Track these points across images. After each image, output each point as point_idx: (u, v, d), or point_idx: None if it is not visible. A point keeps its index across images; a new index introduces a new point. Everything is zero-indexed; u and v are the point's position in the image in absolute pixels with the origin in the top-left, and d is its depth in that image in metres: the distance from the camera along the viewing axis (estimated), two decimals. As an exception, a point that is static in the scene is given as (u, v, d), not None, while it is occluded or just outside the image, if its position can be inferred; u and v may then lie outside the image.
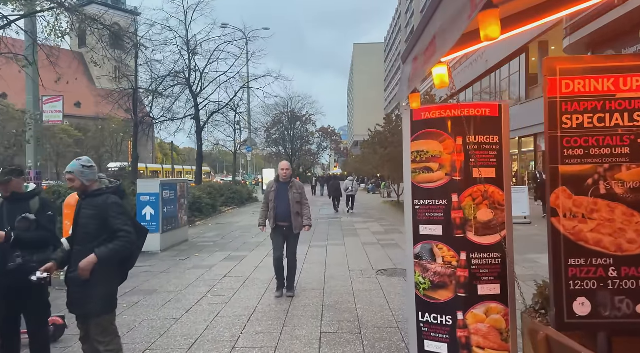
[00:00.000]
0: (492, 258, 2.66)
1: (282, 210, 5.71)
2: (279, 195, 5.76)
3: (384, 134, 18.01)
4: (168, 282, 6.74)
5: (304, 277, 6.83)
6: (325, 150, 76.38)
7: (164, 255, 9.05)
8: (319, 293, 5.90)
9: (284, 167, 5.92)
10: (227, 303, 5.56)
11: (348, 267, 7.60)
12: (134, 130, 17.07)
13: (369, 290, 6.03)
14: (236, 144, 30.00)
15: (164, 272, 7.52)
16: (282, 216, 5.71)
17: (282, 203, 5.72)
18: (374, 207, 21.67)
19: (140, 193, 9.53)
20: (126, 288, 6.35)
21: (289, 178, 5.85)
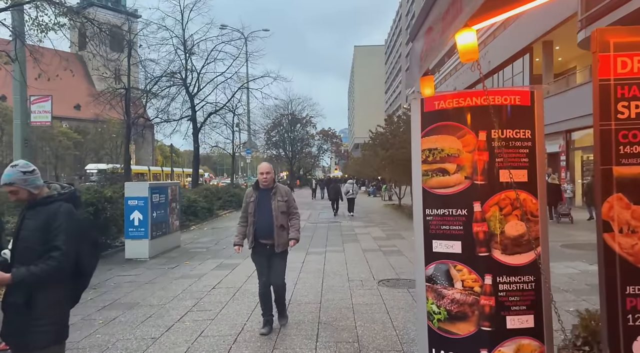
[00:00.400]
0: (523, 282, 2.14)
1: (264, 225, 4.53)
2: (260, 206, 4.59)
3: (385, 135, 17.50)
4: (152, 294, 6.21)
5: (300, 288, 6.30)
6: (325, 153, 75.99)
7: (152, 263, 8.52)
8: (315, 308, 5.37)
9: (263, 170, 4.65)
10: (213, 319, 5.03)
11: (347, 276, 7.07)
12: (126, 131, 16.57)
13: (369, 304, 5.49)
14: (234, 146, 29.48)
15: (150, 282, 6.99)
16: (264, 232, 4.53)
17: (264, 215, 4.55)
18: (375, 211, 21.14)
19: (128, 197, 9.01)
20: (105, 301, 5.85)
21: (271, 184, 4.67)
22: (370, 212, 20.41)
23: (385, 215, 18.72)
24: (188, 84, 20.39)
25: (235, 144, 30.21)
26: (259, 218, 4.58)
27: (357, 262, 8.23)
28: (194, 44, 20.52)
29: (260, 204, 4.62)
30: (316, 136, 69.91)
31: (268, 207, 4.59)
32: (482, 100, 2.10)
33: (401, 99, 76.00)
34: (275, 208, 4.57)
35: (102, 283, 6.91)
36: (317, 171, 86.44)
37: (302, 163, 68.64)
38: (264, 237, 4.56)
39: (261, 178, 4.64)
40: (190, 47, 20.34)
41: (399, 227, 13.94)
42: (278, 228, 4.54)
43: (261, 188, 4.70)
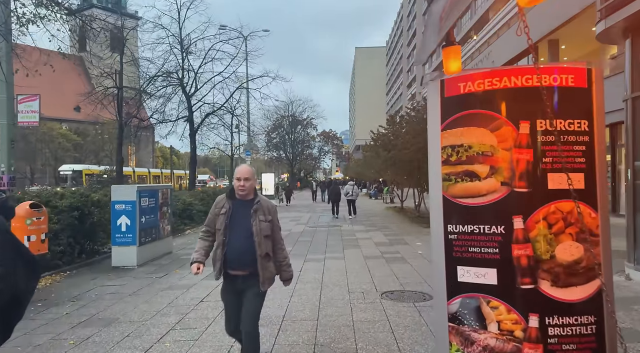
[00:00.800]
0: (581, 324, 1.60)
1: (238, 249, 3.26)
2: (234, 223, 3.32)
3: (387, 135, 16.97)
4: (134, 308, 5.68)
5: (295, 302, 5.76)
6: (326, 155, 75.63)
7: (140, 271, 7.99)
8: (312, 326, 4.83)
9: (241, 174, 3.36)
10: (197, 340, 4.49)
11: (348, 287, 6.54)
12: (118, 132, 16.05)
13: (372, 321, 4.95)
14: (233, 147, 28.99)
15: (134, 293, 6.46)
16: (238, 259, 3.26)
17: (239, 236, 3.28)
18: (377, 214, 20.60)
19: (115, 201, 8.49)
20: (82, 317, 5.33)
21: (251, 195, 3.41)
22: (372, 215, 19.88)
23: (387, 218, 18.18)
24: (185, 83, 19.90)
25: (234, 145, 29.74)
26: (232, 239, 3.28)
27: (358, 271, 7.69)
28: (190, 43, 20.06)
29: (234, 220, 3.33)
30: (317, 138, 69.63)
31: (245, 225, 3.30)
32: (525, 81, 1.57)
33: (402, 100, 75.54)
34: (257, 232, 3.28)
35: (82, 295, 6.40)
36: (318, 173, 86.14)
37: (302, 165, 68.34)
38: (238, 266, 3.27)
39: (237, 186, 3.35)
40: (187, 46, 19.88)
41: (401, 231, 13.40)
42: (263, 258, 3.27)
43: (237, 199, 3.41)
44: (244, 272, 3.28)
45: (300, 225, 15.60)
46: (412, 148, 13.94)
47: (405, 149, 14.16)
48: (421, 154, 13.89)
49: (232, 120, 25.26)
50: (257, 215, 3.34)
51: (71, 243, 8.27)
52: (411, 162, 14.46)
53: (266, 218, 3.36)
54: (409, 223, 15.50)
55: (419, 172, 14.90)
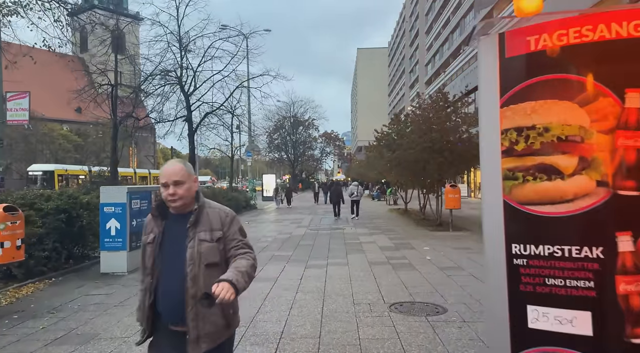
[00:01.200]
0: None
1: (171, 290, 2.09)
2: (167, 253, 2.15)
3: (391, 135, 16.42)
4: (118, 322, 5.16)
5: (295, 315, 5.23)
6: (328, 156, 75.30)
7: (130, 279, 7.47)
8: (313, 345, 4.29)
9: (167, 178, 2.10)
10: (183, 362, 3.95)
11: (352, 298, 6.00)
12: (112, 131, 15.56)
13: (381, 339, 4.42)
14: (233, 148, 28.51)
15: (120, 304, 5.94)
16: (171, 307, 2.09)
17: (174, 272, 2.10)
18: (380, 216, 20.07)
19: (104, 204, 7.99)
20: (59, 332, 4.82)
21: (189, 206, 2.16)
22: (375, 217, 19.36)
23: (391, 220, 17.65)
24: (184, 82, 19.42)
25: (235, 146, 29.26)
26: (165, 279, 2.13)
27: (364, 279, 7.15)
28: (189, 41, 19.59)
29: (166, 248, 2.16)
30: (319, 139, 69.28)
31: (180, 252, 2.11)
32: (635, 29, 1.05)
33: (405, 101, 75.03)
34: (191, 257, 2.08)
35: (63, 306, 5.88)
36: (319, 174, 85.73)
37: (304, 166, 67.99)
38: (173, 317, 2.09)
39: (166, 193, 2.11)
40: (186, 44, 19.40)
41: (407, 235, 12.86)
42: (196, 301, 2.00)
43: (173, 214, 2.19)
44: (182, 328, 2.07)
45: (302, 228, 15.08)
46: (417, 148, 13.42)
47: (411, 149, 13.64)
48: (427, 154, 13.37)
49: (232, 120, 24.80)
50: (196, 232, 2.11)
51: (57, 248, 7.77)
52: (417, 163, 13.94)
53: (212, 236, 2.12)
54: (414, 227, 14.96)
55: (425, 172, 14.38)
